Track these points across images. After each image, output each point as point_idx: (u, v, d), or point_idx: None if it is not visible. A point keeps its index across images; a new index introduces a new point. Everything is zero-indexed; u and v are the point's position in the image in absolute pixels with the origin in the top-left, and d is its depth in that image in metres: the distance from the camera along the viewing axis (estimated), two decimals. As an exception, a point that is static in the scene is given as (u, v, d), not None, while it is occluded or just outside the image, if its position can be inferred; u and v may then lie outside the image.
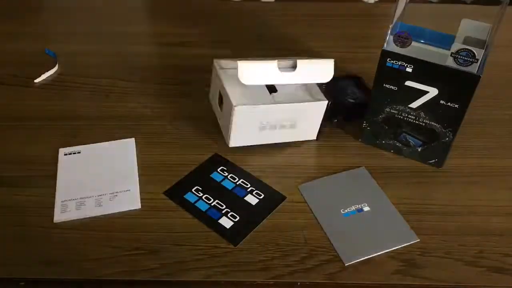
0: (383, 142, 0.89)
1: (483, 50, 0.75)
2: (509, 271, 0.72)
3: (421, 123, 0.83)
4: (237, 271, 0.71)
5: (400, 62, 0.79)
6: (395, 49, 0.79)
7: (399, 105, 0.83)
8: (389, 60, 0.79)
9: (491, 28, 0.77)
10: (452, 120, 0.80)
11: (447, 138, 0.83)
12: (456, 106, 0.79)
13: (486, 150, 0.90)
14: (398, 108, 0.84)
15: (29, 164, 0.85)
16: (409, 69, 0.79)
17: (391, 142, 0.88)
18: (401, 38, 0.79)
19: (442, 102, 0.79)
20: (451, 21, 0.80)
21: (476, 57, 0.75)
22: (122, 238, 0.75)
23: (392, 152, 0.89)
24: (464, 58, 0.76)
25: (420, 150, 0.86)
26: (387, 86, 0.82)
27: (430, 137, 0.84)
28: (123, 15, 1.25)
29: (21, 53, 1.11)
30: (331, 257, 0.73)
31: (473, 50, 0.75)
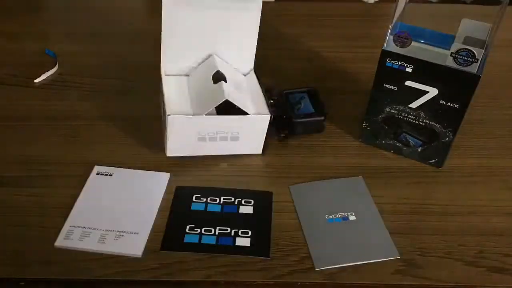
0: (383, 142, 0.89)
1: (483, 50, 0.75)
2: (509, 271, 0.72)
3: (421, 123, 0.83)
4: (237, 271, 0.71)
5: (400, 62, 0.79)
6: (395, 49, 0.79)
7: (399, 105, 0.83)
8: (389, 60, 0.79)
9: (491, 28, 0.77)
10: (452, 120, 0.80)
11: (447, 138, 0.83)
12: (456, 106, 0.79)
13: (486, 150, 0.90)
14: (398, 108, 0.84)
15: (29, 164, 0.85)
16: (409, 69, 0.79)
17: (391, 142, 0.88)
18: (401, 38, 0.79)
19: (442, 102, 0.79)
20: (451, 21, 0.80)
21: (476, 57, 0.75)
22: (122, 238, 0.75)
23: (392, 152, 0.89)
24: (464, 58, 0.76)
25: (420, 150, 0.86)
26: (387, 86, 0.82)
27: (430, 137, 0.84)
28: (123, 15, 1.26)
29: (21, 53, 1.11)
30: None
31: (473, 50, 0.75)
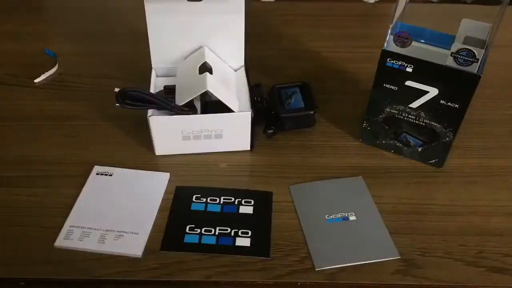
0: (383, 142, 0.89)
1: (483, 50, 0.74)
2: (509, 271, 0.72)
3: (421, 123, 0.83)
4: (237, 271, 0.71)
5: (400, 62, 0.79)
6: (395, 49, 0.79)
7: (399, 105, 0.83)
8: (389, 60, 0.79)
9: (491, 28, 0.77)
10: (452, 120, 0.80)
11: (447, 138, 0.83)
12: (456, 106, 0.79)
13: (486, 150, 0.90)
14: (398, 108, 0.84)
15: (29, 164, 0.85)
16: (409, 69, 0.79)
17: (391, 142, 0.88)
18: (401, 38, 0.79)
19: (442, 102, 0.79)
20: (451, 21, 0.80)
21: (476, 57, 0.75)
22: (122, 238, 0.75)
23: (392, 152, 0.89)
24: (464, 58, 0.75)
25: (420, 150, 0.86)
26: (387, 86, 0.82)
27: (430, 137, 0.84)
28: (123, 15, 1.25)
29: (21, 53, 1.11)
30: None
31: (473, 50, 0.75)
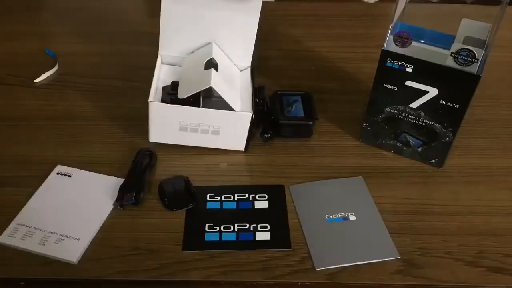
0: (383, 142, 0.89)
1: (483, 50, 0.74)
2: (509, 271, 0.72)
3: (421, 123, 0.83)
4: (237, 271, 0.71)
5: (400, 62, 0.79)
6: (395, 49, 0.79)
7: (399, 105, 0.83)
8: (389, 60, 0.79)
9: (491, 28, 0.77)
10: (452, 120, 0.80)
11: (447, 138, 0.83)
12: (456, 106, 0.79)
13: (486, 150, 0.90)
14: (398, 108, 0.84)
15: (29, 164, 0.85)
16: (409, 69, 0.79)
17: (391, 142, 0.88)
18: (401, 38, 0.79)
19: (442, 102, 0.79)
20: (451, 21, 0.80)
21: (476, 57, 0.75)
22: (122, 238, 0.75)
23: (392, 152, 0.89)
24: (464, 58, 0.75)
25: (420, 150, 0.86)
26: (387, 86, 0.82)
27: (430, 137, 0.84)
28: (123, 15, 1.25)
29: (21, 53, 1.11)
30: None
31: (473, 50, 0.75)
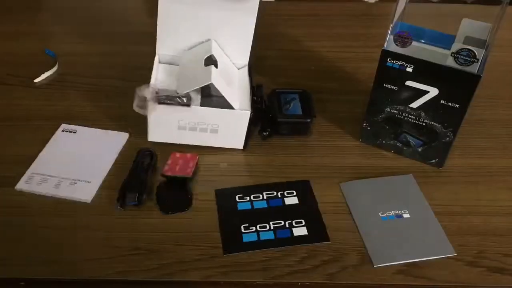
0: (383, 142, 0.89)
1: (483, 50, 0.74)
2: (509, 271, 0.72)
3: (421, 123, 0.83)
4: (237, 271, 0.71)
5: (400, 62, 0.79)
6: (395, 49, 0.79)
7: (399, 105, 0.83)
8: (389, 60, 0.79)
9: (491, 28, 0.77)
10: (453, 120, 0.80)
11: (447, 138, 0.83)
12: (457, 106, 0.79)
13: (486, 150, 0.90)
14: (398, 108, 0.84)
15: (29, 164, 0.85)
16: (409, 69, 0.79)
17: (391, 142, 0.88)
18: (401, 38, 0.79)
19: (442, 102, 0.79)
20: (451, 21, 0.80)
21: (477, 57, 0.75)
22: (122, 238, 0.75)
23: (392, 152, 0.89)
24: (464, 58, 0.75)
25: (420, 150, 0.86)
26: (387, 86, 0.82)
27: (430, 137, 0.84)
28: (123, 15, 1.25)
29: (21, 53, 1.11)
30: (331, 257, 0.73)
31: (473, 50, 0.75)
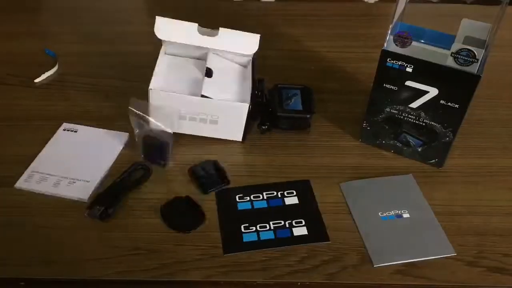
0: (383, 142, 0.89)
1: (483, 50, 0.74)
2: (509, 271, 0.72)
3: (421, 123, 0.83)
4: (237, 271, 0.71)
5: (400, 62, 0.79)
6: (395, 49, 0.79)
7: (399, 105, 0.83)
8: (389, 60, 0.79)
9: (491, 28, 0.77)
10: (452, 120, 0.80)
11: (447, 138, 0.83)
12: (456, 106, 0.79)
13: (486, 150, 0.90)
14: (398, 108, 0.84)
15: (29, 164, 0.85)
16: (409, 69, 0.79)
17: (391, 142, 0.88)
18: (401, 38, 0.79)
19: (442, 102, 0.79)
20: (451, 21, 0.80)
21: (476, 57, 0.75)
22: (122, 238, 0.75)
23: (392, 152, 0.89)
24: (464, 58, 0.75)
25: (420, 150, 0.86)
26: (387, 86, 0.82)
27: (430, 137, 0.84)
28: (123, 15, 1.25)
29: (21, 53, 1.11)
30: (331, 257, 0.73)
31: (473, 50, 0.75)
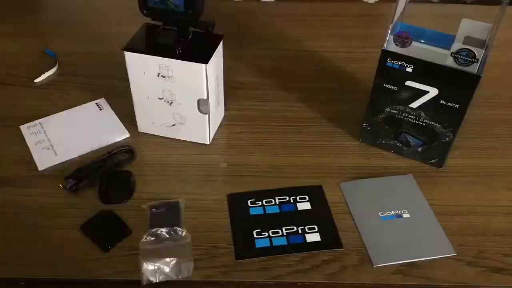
0: (383, 142, 0.89)
1: (483, 50, 0.74)
2: (509, 271, 0.72)
3: (421, 123, 0.83)
4: (237, 271, 0.71)
5: (400, 62, 0.79)
6: (395, 49, 0.79)
7: (399, 105, 0.83)
8: (389, 60, 0.79)
9: (491, 28, 0.77)
10: (452, 120, 0.80)
11: (447, 138, 0.83)
12: (456, 106, 0.79)
13: (486, 150, 0.90)
14: (398, 108, 0.84)
15: (29, 164, 0.85)
16: (409, 69, 0.79)
17: (391, 142, 0.88)
18: (401, 38, 0.79)
19: (442, 102, 0.79)
20: (451, 21, 0.80)
21: (476, 57, 0.75)
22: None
23: (392, 152, 0.89)
24: (464, 58, 0.75)
25: (420, 150, 0.86)
26: (387, 86, 0.82)
27: (430, 137, 0.84)
28: (123, 15, 1.25)
29: (21, 53, 1.11)
30: (331, 257, 0.73)
31: (473, 50, 0.75)
